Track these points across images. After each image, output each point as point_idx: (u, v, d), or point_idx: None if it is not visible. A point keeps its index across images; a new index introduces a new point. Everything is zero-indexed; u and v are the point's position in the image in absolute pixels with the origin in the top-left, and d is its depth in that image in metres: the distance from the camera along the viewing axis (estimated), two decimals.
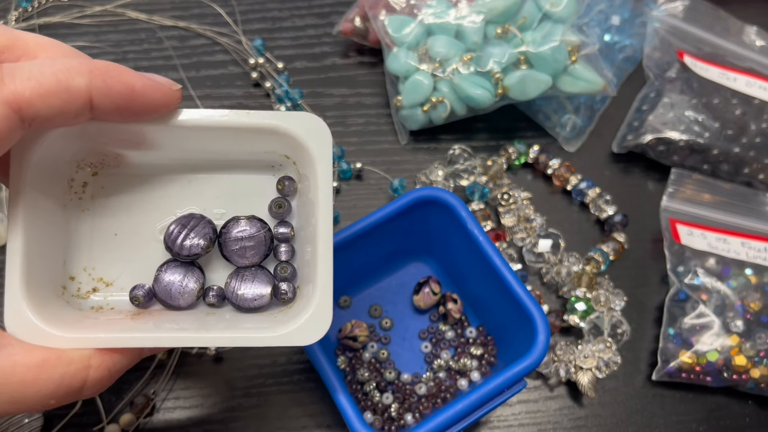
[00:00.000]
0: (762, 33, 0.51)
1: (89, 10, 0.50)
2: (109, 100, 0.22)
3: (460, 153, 0.45)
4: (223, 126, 0.25)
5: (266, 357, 0.40)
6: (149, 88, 0.23)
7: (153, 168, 0.28)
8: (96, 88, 0.22)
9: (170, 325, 0.25)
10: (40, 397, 0.22)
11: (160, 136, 0.26)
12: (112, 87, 0.22)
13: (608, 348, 0.39)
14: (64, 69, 0.21)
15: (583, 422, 0.40)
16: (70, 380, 0.22)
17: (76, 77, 0.21)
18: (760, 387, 0.39)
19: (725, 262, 0.42)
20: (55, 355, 0.22)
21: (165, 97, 0.24)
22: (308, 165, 0.26)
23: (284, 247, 0.28)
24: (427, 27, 0.44)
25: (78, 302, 0.27)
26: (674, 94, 0.46)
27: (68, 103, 0.21)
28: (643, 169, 0.48)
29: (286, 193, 0.28)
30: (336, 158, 0.45)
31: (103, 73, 0.22)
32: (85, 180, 0.27)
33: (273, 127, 0.26)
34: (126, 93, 0.23)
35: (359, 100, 0.48)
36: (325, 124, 0.26)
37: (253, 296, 0.27)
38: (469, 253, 0.35)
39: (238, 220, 0.27)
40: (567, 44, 0.43)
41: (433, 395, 0.37)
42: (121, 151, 0.27)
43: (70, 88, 0.21)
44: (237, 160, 0.28)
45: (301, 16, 0.51)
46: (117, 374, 0.24)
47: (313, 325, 0.25)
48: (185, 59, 0.49)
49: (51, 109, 0.21)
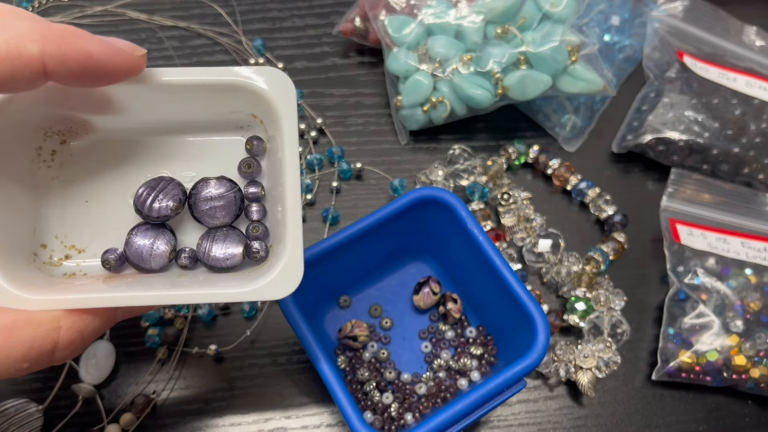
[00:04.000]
0: (762, 33, 0.51)
1: (90, 10, 0.50)
2: (64, 67, 0.21)
3: (460, 153, 0.45)
4: (187, 84, 0.25)
5: (267, 357, 0.40)
6: (108, 55, 0.22)
7: (121, 133, 0.28)
8: (49, 54, 0.21)
9: (143, 286, 0.25)
10: (12, 361, 0.22)
11: (126, 100, 0.26)
12: (68, 53, 0.21)
13: (608, 348, 0.39)
14: (15, 35, 0.20)
15: (583, 422, 0.40)
16: (40, 342, 0.22)
17: (29, 43, 0.20)
18: (759, 387, 0.40)
19: (725, 262, 0.42)
20: (23, 318, 0.22)
21: (126, 63, 0.23)
22: (275, 123, 0.26)
23: (255, 206, 0.28)
24: (427, 27, 0.44)
25: (50, 269, 0.27)
26: (674, 94, 0.46)
27: (20, 69, 0.21)
28: (643, 169, 0.48)
29: (255, 152, 0.28)
30: (336, 158, 0.45)
31: (58, 38, 0.21)
32: (54, 148, 0.28)
33: (236, 83, 0.26)
34: (82, 60, 0.22)
35: (359, 100, 0.48)
36: (289, 78, 0.26)
37: (225, 256, 0.27)
38: (469, 253, 0.35)
39: (207, 181, 0.27)
40: (567, 44, 0.43)
41: (433, 395, 0.37)
42: (89, 118, 0.27)
43: (21, 54, 0.20)
44: (205, 121, 0.28)
45: (301, 16, 0.51)
46: (90, 336, 0.24)
47: (284, 279, 0.25)
48: (186, 59, 0.49)
49: (1, 75, 0.20)
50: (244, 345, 0.40)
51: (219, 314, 0.41)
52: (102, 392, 0.38)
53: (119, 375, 0.39)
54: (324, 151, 0.46)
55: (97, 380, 0.38)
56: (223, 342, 0.40)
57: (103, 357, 0.38)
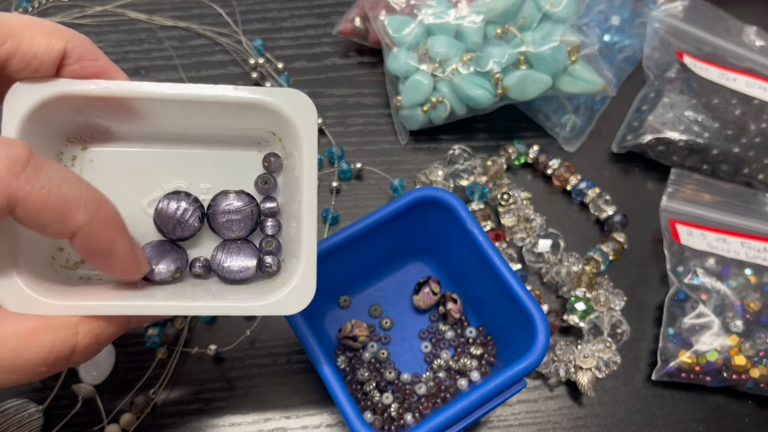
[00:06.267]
0: (762, 33, 0.51)
1: (90, 10, 0.50)
2: (85, 243, 0.23)
3: (460, 153, 0.45)
4: (210, 101, 0.26)
5: (267, 357, 0.40)
6: (123, 260, 0.24)
7: (141, 143, 0.29)
8: (87, 230, 0.22)
9: (159, 296, 0.26)
10: (32, 365, 0.22)
11: (148, 111, 0.27)
12: (98, 237, 0.23)
13: (608, 348, 0.39)
14: (76, 196, 0.21)
15: (583, 422, 0.40)
16: (60, 347, 0.23)
17: (81, 211, 0.22)
18: (759, 387, 0.40)
19: (725, 262, 0.42)
20: (43, 324, 0.23)
21: (129, 272, 0.25)
22: (294, 141, 0.27)
23: (270, 221, 0.29)
24: (427, 27, 0.44)
25: (66, 273, 0.27)
26: (674, 94, 0.46)
27: (52, 225, 0.22)
28: (643, 169, 0.48)
29: (272, 169, 0.29)
30: (336, 158, 0.45)
31: (101, 221, 0.22)
32: (75, 154, 0.28)
33: (259, 103, 0.26)
34: (103, 250, 0.23)
35: (359, 100, 0.48)
36: (310, 100, 0.26)
37: (239, 268, 0.28)
38: (469, 253, 0.35)
39: (227, 194, 0.28)
40: (567, 44, 0.43)
41: (433, 395, 0.37)
42: (110, 125, 0.28)
43: (68, 216, 0.21)
44: (224, 135, 0.29)
45: (301, 17, 0.51)
46: (105, 342, 0.25)
47: (296, 296, 0.25)
48: (185, 59, 0.49)
49: (36, 221, 0.21)
50: (244, 345, 0.40)
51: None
52: (102, 392, 0.38)
53: (119, 375, 0.39)
54: (324, 151, 0.46)
55: (97, 380, 0.38)
56: (223, 342, 0.40)
57: (103, 357, 0.38)
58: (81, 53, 0.25)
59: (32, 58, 0.24)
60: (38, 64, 0.24)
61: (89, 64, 0.25)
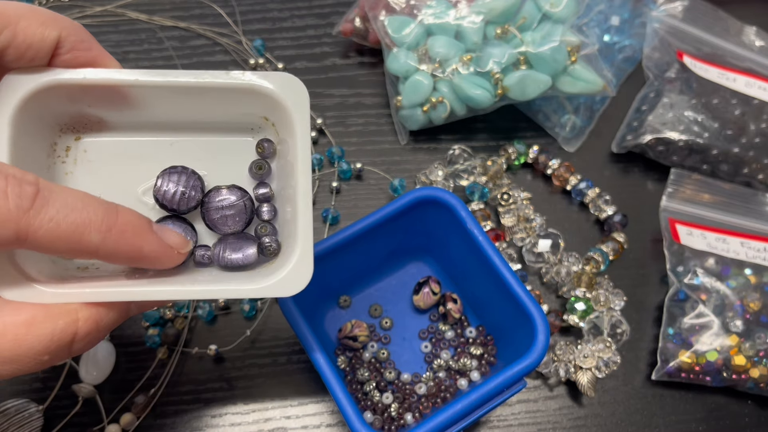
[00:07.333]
0: (761, 33, 0.51)
1: (90, 11, 0.50)
2: (109, 257, 0.23)
3: (460, 153, 0.45)
4: (203, 86, 0.26)
5: (267, 357, 0.40)
6: (157, 253, 0.24)
7: (135, 132, 0.29)
8: (105, 247, 0.22)
9: (159, 281, 0.26)
10: (34, 353, 0.22)
11: (141, 99, 0.27)
12: (120, 249, 0.23)
13: (608, 348, 0.39)
14: (85, 221, 0.21)
15: (583, 422, 0.40)
16: (60, 334, 0.23)
17: (93, 233, 0.22)
18: (759, 387, 0.40)
19: (725, 262, 0.42)
20: (43, 312, 0.23)
21: (168, 261, 0.25)
22: (287, 125, 0.27)
23: (266, 207, 0.29)
24: (426, 27, 0.44)
25: (64, 262, 0.27)
26: (674, 94, 0.46)
27: (68, 251, 0.22)
28: (643, 169, 0.48)
29: (266, 155, 0.29)
30: (336, 158, 0.45)
31: (119, 234, 0.22)
32: (68, 144, 0.28)
33: (251, 87, 0.26)
34: (132, 254, 0.23)
35: (359, 100, 0.48)
36: (302, 84, 0.26)
37: (241, 256, 0.28)
38: (469, 253, 0.35)
39: (219, 189, 0.28)
40: (567, 44, 0.43)
41: (433, 395, 0.37)
42: (103, 115, 0.28)
43: (81, 242, 0.22)
44: (217, 122, 0.29)
45: (301, 17, 0.51)
46: (105, 328, 0.25)
47: (294, 278, 0.26)
48: (185, 59, 0.49)
49: (49, 250, 0.21)
50: (244, 345, 0.40)
51: (219, 314, 0.41)
52: (102, 392, 0.38)
53: (119, 375, 0.39)
54: (324, 151, 0.46)
55: (97, 380, 0.38)
56: (223, 342, 0.40)
57: (103, 357, 0.38)
58: (74, 42, 0.25)
59: (27, 49, 0.23)
60: (33, 54, 0.24)
61: (82, 53, 0.25)
